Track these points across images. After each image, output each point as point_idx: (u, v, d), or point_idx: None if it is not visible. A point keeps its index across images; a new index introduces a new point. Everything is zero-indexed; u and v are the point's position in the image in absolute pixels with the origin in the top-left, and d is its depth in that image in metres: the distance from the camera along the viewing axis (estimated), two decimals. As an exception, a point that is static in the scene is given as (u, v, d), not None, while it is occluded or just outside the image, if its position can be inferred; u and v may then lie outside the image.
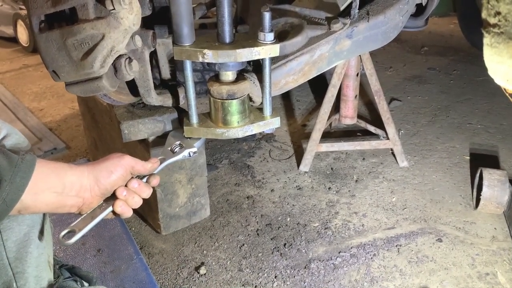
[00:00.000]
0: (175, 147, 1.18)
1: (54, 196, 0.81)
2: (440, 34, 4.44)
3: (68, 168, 0.83)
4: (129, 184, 0.91)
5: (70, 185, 0.82)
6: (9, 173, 0.74)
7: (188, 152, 1.17)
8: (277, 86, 1.50)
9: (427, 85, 3.23)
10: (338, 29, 1.48)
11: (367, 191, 2.06)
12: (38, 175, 0.78)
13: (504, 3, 0.64)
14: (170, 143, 1.19)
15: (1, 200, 0.73)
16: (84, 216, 0.88)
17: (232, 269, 1.64)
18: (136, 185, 0.91)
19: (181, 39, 1.19)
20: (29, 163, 0.77)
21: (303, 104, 2.96)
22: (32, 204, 0.78)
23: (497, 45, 0.68)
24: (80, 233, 0.85)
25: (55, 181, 0.81)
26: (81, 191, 0.84)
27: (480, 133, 2.54)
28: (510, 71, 0.70)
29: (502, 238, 1.76)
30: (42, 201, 0.79)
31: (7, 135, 0.92)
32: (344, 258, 1.67)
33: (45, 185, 0.79)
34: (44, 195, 0.79)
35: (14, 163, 0.75)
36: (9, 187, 0.73)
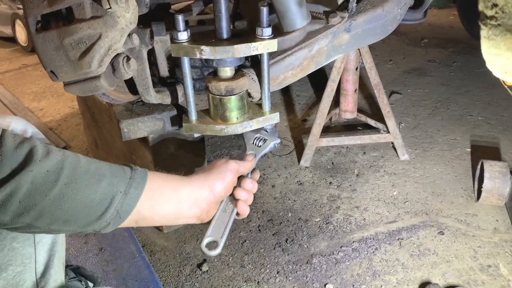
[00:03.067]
0: (259, 141, 1.18)
1: (171, 207, 0.83)
2: (440, 26, 4.42)
3: (182, 180, 0.86)
4: (243, 185, 0.94)
5: (186, 196, 0.84)
6: (124, 185, 0.76)
7: (273, 143, 1.18)
8: (276, 81, 1.50)
9: (427, 77, 3.22)
10: (336, 23, 1.47)
11: (368, 185, 2.06)
12: (153, 187, 0.80)
13: (501, -5, 0.64)
14: (250, 138, 1.20)
15: (115, 211, 0.75)
16: (215, 223, 0.88)
17: (234, 265, 1.64)
18: (250, 185, 0.95)
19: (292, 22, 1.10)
20: (142, 175, 0.79)
21: (303, 99, 2.96)
22: (149, 215, 0.80)
23: (495, 37, 0.67)
24: (222, 242, 0.86)
25: (170, 193, 0.83)
26: (198, 201, 0.85)
27: (481, 125, 2.53)
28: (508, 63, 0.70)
29: (504, 230, 1.76)
30: (159, 213, 0.81)
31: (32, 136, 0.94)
32: (346, 253, 1.67)
33: (161, 197, 0.81)
34: (161, 207, 0.81)
35: (129, 175, 0.77)
36: (123, 198, 0.75)
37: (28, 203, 0.69)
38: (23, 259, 0.85)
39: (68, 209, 0.72)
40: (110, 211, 0.74)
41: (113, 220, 0.76)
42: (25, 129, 0.94)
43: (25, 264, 0.85)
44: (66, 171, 0.72)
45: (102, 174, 0.75)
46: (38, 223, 0.72)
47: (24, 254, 0.85)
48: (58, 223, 0.73)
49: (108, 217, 0.75)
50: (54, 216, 0.71)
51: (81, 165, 0.74)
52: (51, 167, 0.71)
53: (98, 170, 0.75)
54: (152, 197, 0.80)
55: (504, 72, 0.71)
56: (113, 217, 0.75)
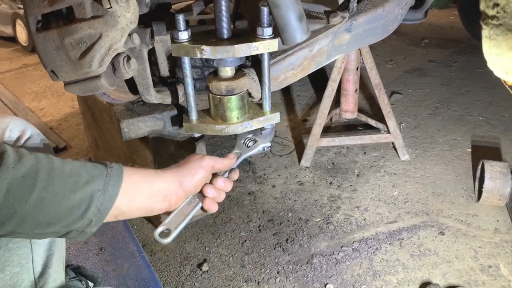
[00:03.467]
0: (249, 141, 1.18)
1: (145, 201, 0.85)
2: (440, 26, 4.42)
3: (156, 175, 0.87)
4: (215, 183, 0.95)
5: (158, 191, 0.86)
6: (101, 183, 0.77)
7: (262, 146, 1.18)
8: (276, 81, 1.50)
9: (428, 77, 3.22)
10: (337, 22, 1.47)
11: (369, 185, 2.05)
12: (131, 182, 0.82)
13: (502, -6, 0.63)
14: (243, 137, 1.20)
15: (96, 209, 0.76)
16: (176, 213, 0.90)
17: (235, 265, 1.64)
18: (222, 184, 0.95)
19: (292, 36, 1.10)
20: (118, 172, 0.80)
21: (304, 99, 2.95)
22: (127, 209, 0.82)
23: (496, 37, 0.67)
24: (176, 231, 0.87)
25: (146, 187, 0.85)
26: (168, 195, 0.87)
27: (482, 125, 2.53)
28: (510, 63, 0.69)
29: (504, 230, 1.75)
30: (135, 206, 0.83)
31: (31, 136, 0.95)
32: (347, 253, 1.67)
33: (138, 191, 0.83)
34: (137, 201, 0.83)
35: (105, 172, 0.79)
36: (102, 196, 0.77)
37: (8, 211, 0.69)
38: (20, 260, 0.85)
39: (50, 211, 0.72)
40: (91, 209, 0.75)
41: (95, 217, 0.76)
42: (24, 129, 0.94)
43: (22, 265, 0.85)
44: (42, 175, 0.72)
45: (78, 174, 0.76)
46: (21, 229, 0.72)
47: (20, 255, 0.85)
48: (42, 227, 0.73)
49: (90, 215, 0.76)
50: (37, 220, 0.72)
51: (56, 167, 0.74)
52: (25, 172, 0.71)
53: (73, 170, 0.76)
54: (129, 192, 0.81)
55: (506, 72, 0.71)
56: (95, 214, 0.76)
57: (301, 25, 1.10)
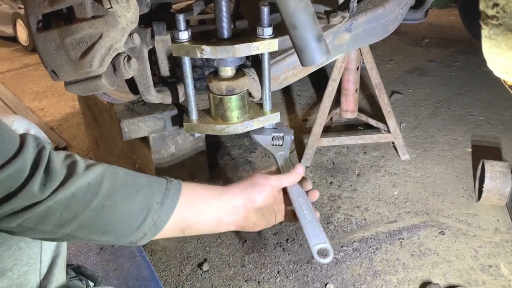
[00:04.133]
0: (277, 141, 1.17)
1: (214, 214, 0.86)
2: (441, 26, 4.42)
3: (222, 188, 0.90)
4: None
5: (226, 203, 0.87)
6: (160, 196, 0.79)
7: (290, 137, 1.18)
8: (277, 81, 1.50)
9: (428, 77, 3.22)
10: (337, 22, 1.47)
11: (369, 185, 2.06)
12: (197, 194, 0.85)
13: (502, -6, 0.63)
14: (267, 139, 1.19)
15: (152, 222, 0.77)
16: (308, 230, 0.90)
17: (235, 265, 1.64)
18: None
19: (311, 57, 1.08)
20: (177, 186, 0.82)
21: (304, 99, 2.95)
22: (195, 223, 0.84)
23: (496, 37, 0.67)
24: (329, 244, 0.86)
25: (212, 200, 0.86)
26: (237, 208, 0.88)
27: (482, 124, 2.53)
28: (509, 63, 0.70)
29: (504, 229, 1.75)
30: (203, 219, 0.85)
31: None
32: (347, 253, 1.67)
33: (204, 203, 0.85)
34: (205, 213, 0.85)
35: (164, 186, 0.81)
36: (159, 209, 0.78)
37: (69, 214, 0.72)
38: (29, 259, 0.85)
39: (108, 219, 0.75)
40: (147, 222, 0.77)
41: (149, 230, 0.78)
42: (28, 129, 0.94)
43: (31, 265, 0.86)
44: (106, 184, 0.75)
45: (139, 186, 0.78)
46: (78, 234, 0.75)
47: (30, 254, 0.85)
48: (97, 234, 0.75)
49: (145, 228, 0.77)
50: (94, 227, 0.74)
51: (120, 178, 0.77)
52: (92, 180, 0.74)
53: (135, 182, 0.78)
54: (196, 205, 0.83)
55: (505, 71, 0.71)
56: (150, 228, 0.78)
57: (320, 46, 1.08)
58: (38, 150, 0.72)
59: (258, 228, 0.95)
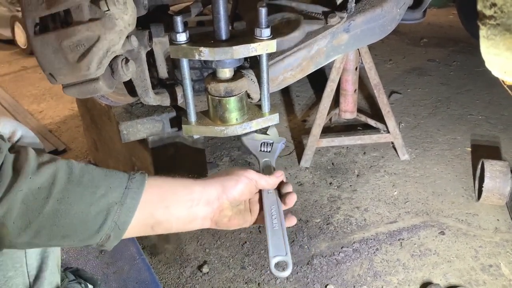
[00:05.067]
0: (266, 147, 1.15)
1: (185, 208, 0.80)
2: (439, 25, 4.42)
3: (194, 180, 0.84)
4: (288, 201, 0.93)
5: (199, 195, 0.82)
6: (119, 195, 0.73)
7: (280, 145, 1.14)
8: (275, 82, 1.49)
9: (427, 77, 3.22)
10: (335, 23, 1.46)
11: (369, 186, 2.05)
12: (167, 187, 0.79)
13: (499, -6, 0.63)
14: (255, 145, 1.16)
15: (113, 223, 0.73)
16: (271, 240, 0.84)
17: (235, 266, 1.64)
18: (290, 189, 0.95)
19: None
20: (139, 183, 0.76)
21: (303, 100, 2.95)
22: (165, 219, 0.78)
23: (494, 37, 0.67)
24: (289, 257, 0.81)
25: (183, 193, 0.81)
26: (210, 200, 0.83)
27: (481, 124, 2.53)
28: (507, 63, 0.69)
29: (505, 229, 1.75)
30: (173, 214, 0.79)
31: (22, 137, 0.93)
32: (347, 253, 1.67)
33: (174, 197, 0.80)
34: (175, 208, 0.79)
35: (125, 184, 0.75)
36: (119, 209, 0.73)
37: (22, 222, 0.68)
38: (14, 263, 0.84)
39: (64, 224, 0.70)
40: (107, 223, 0.72)
41: (113, 232, 0.73)
42: (15, 130, 0.92)
43: (16, 268, 0.84)
44: (58, 186, 0.70)
45: (96, 186, 0.73)
46: (36, 241, 0.71)
47: (14, 258, 0.84)
48: (57, 239, 0.71)
49: (107, 230, 0.73)
50: (51, 232, 0.70)
51: (74, 178, 0.72)
52: (42, 183, 0.69)
53: (92, 181, 0.73)
54: (164, 198, 0.78)
55: (504, 71, 0.71)
56: (112, 229, 0.73)
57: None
58: None
59: (234, 225, 0.89)
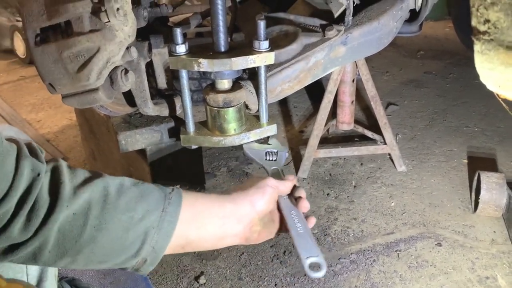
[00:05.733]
0: (271, 155, 1.14)
1: (216, 227, 0.79)
2: (436, 38, 4.46)
3: (224, 197, 0.82)
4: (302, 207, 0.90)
5: (230, 213, 0.80)
6: (157, 219, 0.72)
7: (284, 153, 1.14)
8: (273, 94, 1.50)
9: (424, 89, 3.24)
10: (332, 36, 1.48)
11: (366, 197, 2.06)
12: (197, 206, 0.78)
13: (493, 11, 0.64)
14: (260, 155, 1.15)
15: (150, 248, 0.72)
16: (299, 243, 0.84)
17: (232, 278, 1.63)
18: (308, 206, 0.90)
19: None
20: (175, 204, 0.75)
21: (301, 110, 2.97)
22: (196, 238, 0.77)
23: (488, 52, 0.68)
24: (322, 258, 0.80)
25: (217, 212, 0.79)
26: (241, 218, 0.81)
27: (478, 136, 2.54)
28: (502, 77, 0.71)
29: (501, 241, 1.76)
30: (205, 234, 0.78)
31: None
32: (344, 265, 1.67)
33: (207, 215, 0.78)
34: (207, 227, 0.78)
35: (161, 206, 0.73)
36: (157, 233, 0.71)
37: (59, 250, 0.67)
38: (15, 273, 0.84)
39: (101, 251, 0.69)
40: (145, 248, 0.71)
41: (149, 256, 0.72)
42: (17, 138, 0.94)
43: (17, 278, 0.85)
44: (94, 212, 0.68)
45: (133, 209, 0.71)
46: (73, 266, 0.70)
47: (15, 269, 0.84)
48: (93, 264, 0.71)
49: (144, 254, 0.72)
50: (88, 258, 0.70)
51: (110, 201, 0.70)
52: (77, 209, 0.67)
53: (129, 204, 0.71)
54: (198, 219, 0.77)
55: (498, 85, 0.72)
56: (149, 254, 0.72)
57: None
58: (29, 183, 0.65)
59: (262, 239, 0.88)
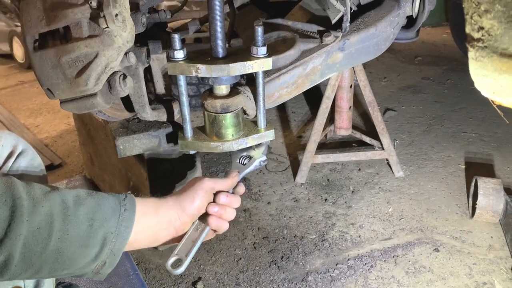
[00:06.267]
0: (244, 159, 1.18)
1: (150, 231, 0.84)
2: (433, 44, 4.49)
3: (157, 203, 0.87)
4: (217, 199, 0.94)
5: (161, 219, 0.85)
6: (114, 225, 0.77)
7: (259, 161, 1.18)
8: (271, 99, 1.51)
9: (422, 94, 3.26)
10: (330, 42, 1.49)
11: (364, 202, 2.06)
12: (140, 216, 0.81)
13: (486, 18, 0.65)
14: (237, 156, 1.19)
15: (109, 251, 0.76)
16: (185, 241, 0.89)
17: (230, 283, 1.63)
18: (225, 199, 0.94)
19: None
20: (131, 211, 0.80)
21: (299, 116, 2.97)
22: (134, 241, 0.81)
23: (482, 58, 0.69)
24: (187, 260, 0.86)
25: (149, 217, 0.84)
26: (171, 221, 0.86)
27: (475, 141, 2.55)
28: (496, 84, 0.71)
29: (498, 246, 1.76)
30: (141, 238, 0.82)
31: (23, 151, 0.95)
32: (342, 270, 1.67)
33: (146, 223, 0.83)
34: (143, 232, 0.82)
35: (118, 213, 0.78)
36: (115, 238, 0.76)
37: (25, 264, 0.69)
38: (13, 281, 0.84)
39: (65, 259, 0.72)
40: (104, 252, 0.75)
41: (108, 259, 0.76)
42: (16, 144, 0.94)
43: (14, 283, 0.85)
44: (57, 224, 0.71)
45: (91, 219, 0.75)
46: (37, 276, 0.73)
47: None
48: (57, 272, 0.73)
49: (104, 257, 0.76)
50: (52, 267, 0.72)
51: (70, 213, 0.73)
52: (40, 223, 0.70)
53: (87, 214, 0.75)
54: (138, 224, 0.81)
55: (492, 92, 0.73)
56: (108, 256, 0.76)
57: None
58: None
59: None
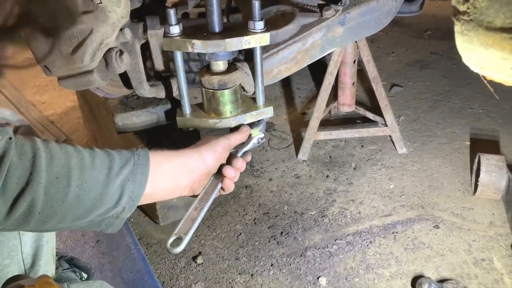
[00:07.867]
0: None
1: (169, 180, 0.87)
2: (444, 17, 4.37)
3: (177, 152, 0.90)
4: (235, 164, 0.98)
5: (181, 166, 0.89)
6: (130, 172, 0.80)
7: (257, 139, 1.18)
8: (270, 75, 1.50)
9: (429, 70, 3.20)
10: (330, 16, 1.46)
11: (365, 179, 2.06)
12: (154, 165, 0.84)
13: (471, -10, 0.63)
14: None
15: (128, 197, 0.79)
16: (185, 219, 0.90)
17: (229, 258, 1.66)
18: (240, 164, 0.98)
19: None
20: (144, 159, 0.83)
21: (303, 92, 2.95)
22: (152, 191, 0.84)
23: (468, 32, 0.67)
24: (186, 238, 0.87)
25: (168, 167, 0.87)
26: (191, 170, 0.90)
27: (481, 117, 2.52)
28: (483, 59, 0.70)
29: (499, 223, 1.75)
30: (160, 187, 0.86)
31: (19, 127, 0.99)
32: (340, 246, 1.68)
33: (161, 172, 0.86)
34: (161, 182, 0.86)
35: (132, 161, 0.81)
36: (133, 184, 0.80)
37: (48, 212, 0.72)
38: (10, 252, 0.87)
39: (86, 206, 0.75)
40: (124, 198, 0.78)
41: (127, 204, 0.80)
42: (10, 119, 0.96)
43: (12, 257, 0.87)
44: (75, 173, 0.74)
45: (108, 167, 0.78)
46: (61, 225, 0.76)
47: (10, 247, 0.87)
48: (80, 219, 0.77)
49: (124, 203, 0.79)
50: (75, 215, 0.75)
51: (86, 162, 0.76)
52: (59, 173, 0.73)
53: (103, 163, 0.78)
54: (151, 174, 0.83)
55: (480, 67, 0.71)
56: (127, 202, 0.79)
57: None
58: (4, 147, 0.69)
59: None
